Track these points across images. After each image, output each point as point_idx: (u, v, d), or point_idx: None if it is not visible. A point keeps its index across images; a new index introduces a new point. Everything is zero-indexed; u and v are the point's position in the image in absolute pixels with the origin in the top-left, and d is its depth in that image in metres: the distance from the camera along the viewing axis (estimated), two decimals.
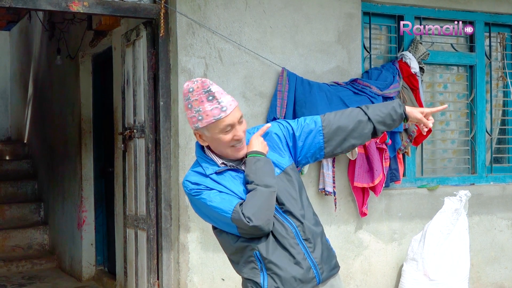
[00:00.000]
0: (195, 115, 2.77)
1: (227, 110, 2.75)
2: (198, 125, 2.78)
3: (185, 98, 2.80)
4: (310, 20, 5.23)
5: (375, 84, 5.26)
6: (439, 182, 5.87)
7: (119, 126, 5.82)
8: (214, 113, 2.74)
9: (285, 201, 2.87)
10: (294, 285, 2.83)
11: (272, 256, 2.81)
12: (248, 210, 2.72)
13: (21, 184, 9.11)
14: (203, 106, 2.74)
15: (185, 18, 4.80)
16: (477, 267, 5.87)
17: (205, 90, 2.75)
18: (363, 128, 3.00)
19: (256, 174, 2.78)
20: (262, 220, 2.73)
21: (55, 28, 7.62)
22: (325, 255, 2.93)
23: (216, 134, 2.78)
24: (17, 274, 7.65)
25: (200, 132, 2.81)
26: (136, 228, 5.21)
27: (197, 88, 2.76)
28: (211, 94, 2.74)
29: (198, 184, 2.82)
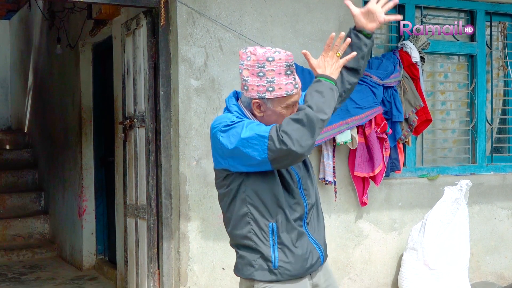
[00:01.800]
0: (265, 84, 2.72)
1: (298, 88, 2.78)
2: (265, 95, 2.74)
3: (257, 64, 2.73)
4: (310, 9, 5.22)
5: (375, 73, 5.26)
6: (439, 171, 5.86)
7: (119, 116, 5.81)
8: (287, 88, 2.74)
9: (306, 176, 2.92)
10: (304, 263, 2.86)
11: (285, 232, 2.83)
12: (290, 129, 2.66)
13: (22, 174, 9.12)
14: (279, 78, 2.73)
15: (185, 7, 4.79)
16: (477, 256, 5.88)
17: (288, 64, 2.73)
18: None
19: (325, 104, 2.73)
20: (300, 147, 2.66)
21: (55, 17, 7.59)
22: (324, 240, 3.01)
23: (280, 108, 2.78)
24: (18, 263, 7.66)
25: (263, 101, 2.77)
26: (136, 218, 5.22)
27: (279, 60, 2.72)
28: (291, 69, 2.74)
29: (240, 117, 2.79)
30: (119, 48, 5.73)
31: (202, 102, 4.85)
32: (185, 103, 4.80)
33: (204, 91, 4.86)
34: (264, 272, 2.84)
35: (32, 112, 9.61)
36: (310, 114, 2.67)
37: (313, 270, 2.92)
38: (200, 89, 4.84)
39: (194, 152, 4.82)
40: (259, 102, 2.78)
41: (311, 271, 2.91)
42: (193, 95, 4.82)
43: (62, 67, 7.74)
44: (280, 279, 2.84)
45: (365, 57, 3.08)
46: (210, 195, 4.84)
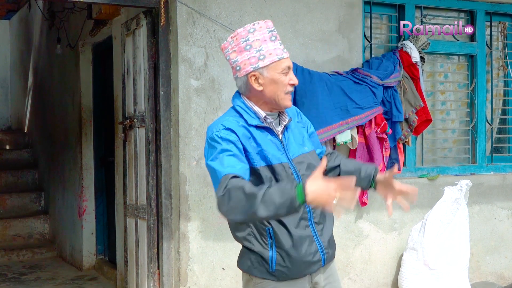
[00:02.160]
0: (255, 55, 2.79)
1: (286, 53, 2.83)
2: (259, 65, 2.79)
3: (241, 40, 2.80)
4: (310, 9, 5.22)
5: (375, 73, 5.25)
6: (439, 171, 5.86)
7: (119, 116, 5.81)
8: (277, 52, 2.79)
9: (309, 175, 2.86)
10: (302, 266, 2.86)
11: (283, 235, 2.82)
12: (236, 195, 2.57)
13: (22, 174, 9.10)
14: (266, 45, 2.79)
15: (185, 7, 4.79)
16: (477, 256, 5.88)
17: (270, 30, 2.82)
18: None
19: (276, 210, 2.54)
20: (227, 213, 2.62)
21: (55, 17, 7.59)
22: (331, 241, 2.99)
23: (277, 74, 2.81)
24: (18, 263, 7.66)
25: (259, 73, 2.81)
26: (136, 218, 5.22)
27: (260, 28, 2.80)
28: (274, 34, 2.81)
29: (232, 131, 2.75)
30: (119, 48, 5.72)
31: (202, 102, 4.85)
32: (185, 103, 4.80)
33: (204, 91, 4.86)
34: (262, 270, 2.86)
35: (32, 112, 9.60)
36: (257, 199, 2.52)
37: (312, 272, 2.92)
38: (200, 89, 4.84)
39: (194, 152, 4.82)
40: (255, 75, 2.81)
41: (310, 272, 2.91)
42: (193, 95, 4.82)
43: (62, 67, 7.73)
44: (277, 279, 2.86)
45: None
46: (210, 195, 4.84)
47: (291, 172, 2.84)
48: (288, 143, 2.90)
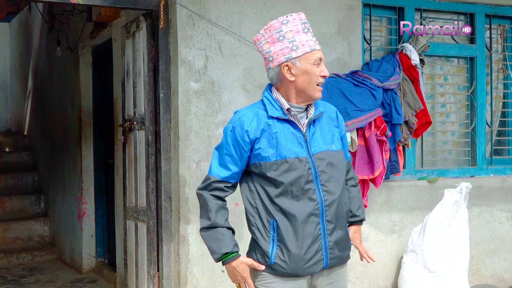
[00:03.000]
0: (288, 45, 2.84)
1: (318, 46, 2.89)
2: (292, 55, 2.85)
3: (274, 31, 2.87)
4: (310, 11, 5.21)
5: (375, 76, 5.24)
6: (439, 174, 5.86)
7: (119, 118, 5.81)
8: (310, 44, 2.85)
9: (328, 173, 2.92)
10: (301, 263, 2.87)
11: (287, 229, 2.85)
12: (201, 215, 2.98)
13: (21, 176, 9.10)
14: (299, 36, 2.84)
15: (185, 10, 4.79)
16: (477, 259, 5.87)
17: (302, 22, 2.87)
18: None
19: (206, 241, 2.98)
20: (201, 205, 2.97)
21: (55, 19, 7.60)
22: (342, 244, 2.97)
23: (309, 65, 2.86)
24: (18, 265, 7.66)
25: (291, 63, 2.87)
26: (136, 220, 5.21)
27: (293, 20, 2.86)
28: (307, 26, 2.87)
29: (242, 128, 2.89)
30: (119, 50, 5.72)
31: (202, 104, 4.84)
32: (184, 106, 4.79)
33: (204, 94, 4.85)
34: (263, 263, 2.91)
35: (32, 115, 9.60)
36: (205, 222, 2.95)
37: (312, 272, 2.91)
38: (200, 92, 4.84)
39: (194, 154, 4.81)
40: (288, 65, 2.88)
41: (309, 272, 2.90)
42: (193, 98, 4.82)
43: (62, 70, 7.73)
44: (275, 273, 2.90)
45: None
46: None
47: (308, 167, 2.87)
48: (313, 137, 2.92)
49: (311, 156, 2.88)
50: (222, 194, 2.97)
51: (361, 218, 3.21)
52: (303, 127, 2.90)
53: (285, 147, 2.85)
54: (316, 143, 2.90)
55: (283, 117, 2.88)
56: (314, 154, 2.88)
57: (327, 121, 2.99)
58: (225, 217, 2.94)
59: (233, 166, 2.92)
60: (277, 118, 2.88)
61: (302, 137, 2.89)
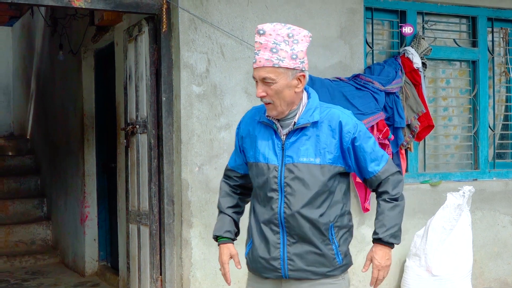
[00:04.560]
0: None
1: (254, 64, 2.82)
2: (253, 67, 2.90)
3: None
4: (312, 15, 5.21)
5: (377, 79, 5.24)
6: (442, 177, 5.85)
7: (122, 122, 5.80)
8: (253, 60, 2.84)
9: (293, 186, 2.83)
10: (259, 264, 2.93)
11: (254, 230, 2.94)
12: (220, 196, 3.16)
13: (24, 180, 9.08)
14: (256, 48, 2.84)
15: (187, 14, 4.79)
16: (480, 262, 5.86)
17: (255, 36, 2.82)
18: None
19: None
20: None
21: (57, 23, 7.59)
22: (310, 258, 2.86)
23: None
24: (20, 269, 7.65)
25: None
26: (138, 224, 5.21)
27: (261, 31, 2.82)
28: (256, 39, 2.82)
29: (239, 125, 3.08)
30: (121, 54, 5.71)
31: (204, 108, 4.85)
32: (187, 109, 4.79)
33: (206, 97, 4.85)
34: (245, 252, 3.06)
35: (35, 118, 9.59)
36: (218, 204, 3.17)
37: (270, 277, 2.92)
38: (202, 95, 4.84)
39: (196, 158, 4.81)
40: None
41: (267, 276, 2.93)
42: (195, 101, 4.82)
43: (64, 73, 7.73)
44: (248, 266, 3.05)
45: None
46: (212, 201, 4.83)
47: (274, 175, 2.84)
48: (291, 146, 2.84)
49: (282, 165, 2.83)
50: (232, 182, 3.15)
51: (379, 237, 2.93)
52: (283, 135, 2.86)
53: (259, 151, 2.89)
54: (292, 153, 2.83)
55: (265, 122, 2.90)
56: (286, 164, 2.83)
57: (325, 131, 2.84)
58: (228, 204, 3.12)
59: (238, 157, 3.11)
60: (261, 122, 2.93)
61: (280, 145, 2.85)
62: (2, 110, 11.17)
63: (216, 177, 4.83)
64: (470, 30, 6.09)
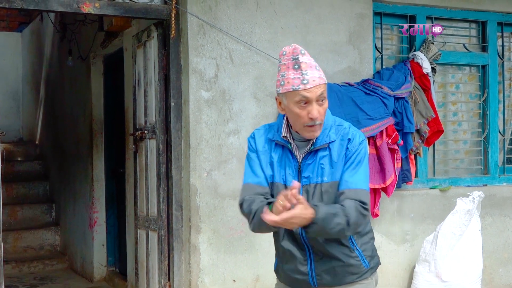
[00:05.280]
0: (280, 79, 2.74)
1: (307, 84, 2.67)
2: (279, 90, 2.75)
3: (278, 60, 2.83)
4: (321, 20, 5.21)
5: (386, 84, 5.23)
6: (451, 183, 5.84)
7: (130, 127, 5.81)
8: (294, 82, 2.68)
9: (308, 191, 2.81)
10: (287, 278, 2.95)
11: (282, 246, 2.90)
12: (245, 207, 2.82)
13: (33, 185, 9.09)
14: (288, 72, 2.70)
15: (196, 19, 4.79)
16: (490, 268, 5.83)
17: (294, 57, 2.70)
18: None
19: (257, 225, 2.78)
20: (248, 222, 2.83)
21: (67, 29, 7.62)
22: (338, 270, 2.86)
23: (292, 105, 2.72)
24: (29, 274, 7.66)
25: (280, 98, 2.78)
26: (147, 229, 5.21)
27: (288, 53, 2.72)
28: (297, 62, 2.69)
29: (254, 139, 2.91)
30: (130, 59, 5.73)
31: (213, 113, 4.84)
32: (195, 115, 4.79)
33: (214, 103, 4.85)
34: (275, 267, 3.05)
35: (44, 124, 9.61)
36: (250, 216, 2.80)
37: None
38: (210, 101, 4.84)
39: (204, 163, 4.81)
40: (279, 99, 2.80)
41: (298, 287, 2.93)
42: (204, 107, 4.82)
43: (74, 79, 7.75)
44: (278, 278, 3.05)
45: None
46: (221, 206, 4.84)
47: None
48: (307, 168, 2.81)
49: (300, 187, 2.79)
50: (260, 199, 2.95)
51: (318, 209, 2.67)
52: (300, 156, 2.82)
53: (277, 171, 2.83)
54: (309, 174, 2.80)
55: (281, 143, 2.84)
56: (303, 185, 2.80)
57: (337, 148, 2.81)
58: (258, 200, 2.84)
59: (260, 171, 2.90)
60: (275, 142, 2.86)
61: (296, 166, 2.82)
62: (12, 115, 11.19)
63: (224, 183, 4.84)
64: (480, 35, 6.06)
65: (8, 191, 8.76)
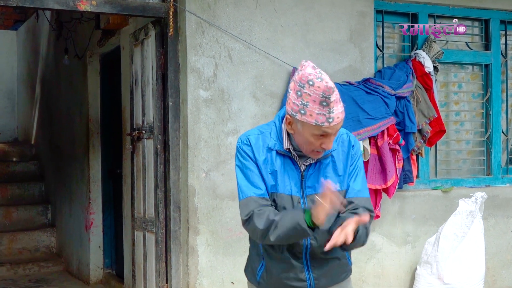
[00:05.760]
0: (299, 105, 2.62)
1: (332, 122, 2.61)
2: (296, 116, 2.64)
3: (299, 82, 2.64)
4: (321, 18, 5.19)
5: (388, 83, 5.21)
6: (454, 183, 5.82)
7: (127, 127, 5.80)
8: (318, 118, 2.60)
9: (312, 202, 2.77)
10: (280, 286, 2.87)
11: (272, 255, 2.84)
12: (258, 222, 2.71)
13: (28, 186, 9.08)
14: (313, 106, 2.60)
15: (194, 17, 4.77)
16: (492, 270, 5.82)
17: (325, 96, 2.58)
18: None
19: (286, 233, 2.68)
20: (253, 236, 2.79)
21: (63, 27, 7.60)
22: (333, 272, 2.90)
23: (308, 134, 2.66)
24: (24, 277, 7.62)
25: (294, 121, 2.69)
26: (144, 231, 5.20)
27: (317, 88, 2.59)
28: (327, 101, 2.58)
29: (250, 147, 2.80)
30: (127, 58, 5.71)
31: (211, 113, 4.82)
32: (194, 114, 4.77)
33: (213, 102, 4.82)
34: (252, 277, 2.96)
35: (39, 124, 9.61)
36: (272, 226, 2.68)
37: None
38: (209, 100, 4.81)
39: (203, 164, 4.78)
40: (290, 119, 2.71)
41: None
42: (202, 106, 4.79)
43: (70, 78, 7.74)
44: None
45: None
46: (219, 207, 4.82)
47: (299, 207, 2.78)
48: (310, 177, 2.79)
49: (304, 197, 2.78)
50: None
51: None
52: (302, 166, 2.80)
53: (280, 181, 2.78)
54: (312, 184, 2.79)
55: (283, 152, 2.79)
56: (307, 195, 2.78)
57: (339, 156, 2.84)
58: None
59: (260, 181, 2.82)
60: (276, 151, 2.79)
61: (299, 175, 2.80)
62: (7, 115, 11.20)
63: (223, 183, 4.81)
64: (483, 33, 6.05)
65: (3, 192, 8.79)
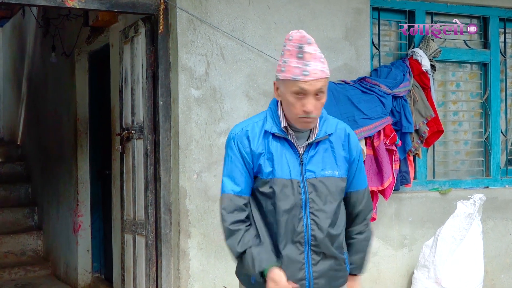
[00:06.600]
0: (281, 64, 2.72)
1: (307, 76, 2.63)
2: (278, 76, 2.72)
3: (283, 44, 2.74)
4: (316, 15, 5.18)
5: (384, 82, 5.20)
6: (452, 185, 5.82)
7: (117, 127, 5.79)
8: (294, 72, 2.65)
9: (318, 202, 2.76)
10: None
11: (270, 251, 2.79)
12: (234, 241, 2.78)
13: (14, 188, 9.04)
14: (290, 59, 2.67)
15: (185, 14, 4.75)
16: (491, 274, 5.81)
17: (299, 45, 2.66)
18: None
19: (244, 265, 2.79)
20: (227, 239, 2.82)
21: (50, 24, 7.57)
22: (331, 273, 2.87)
23: (288, 94, 2.69)
24: (10, 281, 7.57)
25: (278, 84, 2.75)
26: (134, 234, 5.19)
27: (294, 39, 2.69)
28: (302, 52, 2.66)
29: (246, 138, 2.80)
30: (117, 56, 5.71)
31: (203, 112, 4.80)
32: (185, 114, 4.74)
33: (205, 101, 4.81)
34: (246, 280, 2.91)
35: (26, 123, 9.61)
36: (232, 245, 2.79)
37: None
38: (201, 99, 4.80)
39: (194, 165, 4.77)
40: (276, 84, 2.78)
41: None
42: (194, 105, 4.78)
43: (57, 76, 7.71)
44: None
45: None
46: (211, 210, 4.80)
47: (299, 191, 2.76)
48: (310, 160, 2.78)
49: (304, 181, 2.78)
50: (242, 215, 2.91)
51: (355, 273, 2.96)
52: (301, 149, 2.79)
53: (279, 166, 2.77)
54: (313, 167, 2.79)
55: (280, 135, 2.78)
56: (307, 179, 2.78)
57: (337, 143, 2.86)
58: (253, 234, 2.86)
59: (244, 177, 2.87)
60: (273, 134, 2.79)
61: (298, 159, 2.79)
62: None
63: (215, 185, 4.79)
64: (481, 31, 6.05)
65: None
